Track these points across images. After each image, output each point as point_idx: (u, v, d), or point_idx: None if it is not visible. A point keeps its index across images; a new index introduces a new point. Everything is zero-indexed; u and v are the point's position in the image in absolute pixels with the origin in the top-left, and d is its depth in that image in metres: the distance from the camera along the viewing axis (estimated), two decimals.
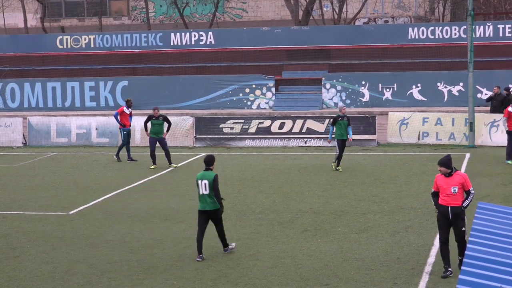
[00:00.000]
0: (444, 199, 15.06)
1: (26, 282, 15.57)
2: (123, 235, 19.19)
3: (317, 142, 34.47)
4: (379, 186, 24.59)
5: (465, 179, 15.10)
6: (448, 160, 15.13)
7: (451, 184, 15.01)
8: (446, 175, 15.09)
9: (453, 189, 14.95)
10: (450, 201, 14.99)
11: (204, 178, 16.87)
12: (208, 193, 16.78)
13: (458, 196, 15.02)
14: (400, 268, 15.65)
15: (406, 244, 17.44)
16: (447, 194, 15.00)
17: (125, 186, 25.90)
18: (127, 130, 31.64)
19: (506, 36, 41.56)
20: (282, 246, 17.66)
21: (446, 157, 15.20)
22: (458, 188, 15.00)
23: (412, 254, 16.66)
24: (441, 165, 15.12)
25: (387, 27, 48.97)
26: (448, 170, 15.08)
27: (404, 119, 34.17)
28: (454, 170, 15.16)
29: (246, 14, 62.10)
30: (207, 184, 16.80)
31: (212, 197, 16.77)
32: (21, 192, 25.28)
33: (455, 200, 15.00)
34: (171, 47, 45.03)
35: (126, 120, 31.63)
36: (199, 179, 16.90)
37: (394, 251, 16.93)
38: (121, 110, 31.61)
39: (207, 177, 16.86)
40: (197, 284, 15.13)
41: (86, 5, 64.00)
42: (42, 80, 43.74)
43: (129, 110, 31.88)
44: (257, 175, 27.03)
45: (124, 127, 31.48)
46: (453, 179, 15.06)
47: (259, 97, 40.90)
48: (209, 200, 16.78)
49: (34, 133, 37.23)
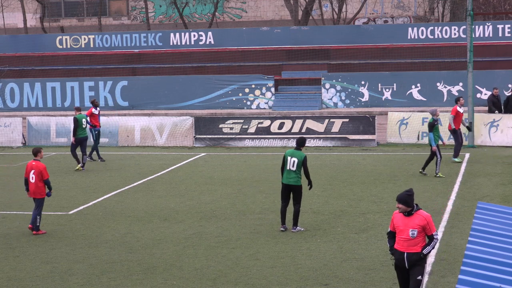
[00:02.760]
0: (399, 243, 12.41)
1: (25, 282, 15.57)
2: (122, 235, 19.19)
3: (317, 142, 34.47)
4: (379, 186, 24.59)
5: (428, 221, 12.27)
6: (408, 196, 12.36)
7: (409, 225, 12.30)
8: (405, 214, 12.37)
9: (411, 232, 12.25)
10: (406, 246, 12.30)
11: (294, 156, 18.72)
12: (295, 170, 18.66)
13: (417, 240, 12.28)
14: None
15: None
16: (403, 238, 12.33)
17: (125, 186, 25.90)
18: (98, 130, 31.76)
19: (506, 36, 41.55)
20: (281, 246, 17.66)
21: (406, 192, 12.43)
22: (418, 231, 12.25)
23: None
24: (399, 202, 12.41)
25: (387, 27, 48.96)
26: (408, 209, 12.36)
27: (403, 119, 34.18)
28: (415, 208, 12.41)
29: (246, 14, 62.09)
30: (295, 162, 18.65)
31: (297, 174, 18.66)
32: (20, 192, 25.22)
33: (412, 246, 12.28)
34: (171, 47, 45.02)
35: (96, 120, 31.71)
36: (289, 156, 18.75)
37: None
38: (90, 112, 31.51)
39: (297, 156, 18.71)
40: (197, 284, 15.13)
41: (85, 5, 63.98)
42: (41, 80, 43.72)
43: (97, 110, 31.93)
44: (257, 175, 27.03)
45: (95, 128, 31.50)
46: (412, 220, 12.31)
47: (258, 97, 40.90)
48: (294, 175, 18.68)
49: (33, 133, 37.24)
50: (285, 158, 18.79)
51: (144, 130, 36.10)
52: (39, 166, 19.49)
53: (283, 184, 18.91)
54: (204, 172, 27.98)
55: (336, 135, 34.42)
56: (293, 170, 18.69)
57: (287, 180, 18.79)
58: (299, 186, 18.77)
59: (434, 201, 22.00)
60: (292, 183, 18.74)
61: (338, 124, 34.43)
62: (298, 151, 18.81)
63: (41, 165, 19.49)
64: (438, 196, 22.70)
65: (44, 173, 19.46)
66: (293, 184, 18.75)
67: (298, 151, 18.81)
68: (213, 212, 21.41)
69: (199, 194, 24.03)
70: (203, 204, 22.56)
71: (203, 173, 27.76)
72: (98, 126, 31.82)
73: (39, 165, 19.52)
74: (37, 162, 19.63)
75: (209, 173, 27.79)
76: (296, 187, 18.77)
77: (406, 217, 12.36)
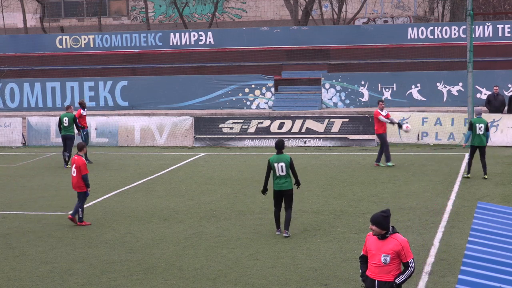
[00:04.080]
0: (371, 269, 11.12)
1: (25, 282, 15.57)
2: (122, 235, 19.19)
3: (317, 142, 34.47)
4: (379, 186, 24.59)
5: (404, 246, 10.92)
6: (383, 218, 10.96)
7: (382, 250, 10.95)
8: (379, 237, 11.01)
9: (383, 257, 10.92)
10: (378, 273, 11.00)
11: (280, 161, 18.42)
12: (285, 174, 18.37)
13: (390, 267, 10.96)
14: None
15: None
16: (375, 263, 11.01)
17: (124, 186, 25.91)
18: (86, 131, 31.78)
19: (506, 36, 41.53)
20: (281, 246, 17.66)
21: (381, 213, 11.02)
22: (391, 257, 10.93)
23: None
24: (373, 223, 11.03)
25: (387, 27, 48.94)
26: (382, 231, 11.00)
27: (403, 119, 34.18)
28: (391, 231, 11.03)
29: (246, 14, 62.08)
30: (283, 166, 18.37)
31: (287, 178, 18.35)
32: (20, 192, 25.27)
33: (384, 273, 10.97)
34: (171, 47, 45.00)
35: (84, 122, 31.73)
36: (275, 162, 18.43)
37: None
38: (78, 114, 31.43)
39: (283, 160, 18.41)
40: (197, 284, 15.13)
41: (85, 5, 63.96)
42: (41, 80, 43.70)
43: (85, 111, 31.94)
44: (257, 175, 27.02)
45: (83, 129, 31.46)
46: (386, 244, 10.95)
47: (258, 97, 40.88)
48: (285, 180, 18.38)
49: (33, 133, 37.23)
50: (271, 165, 18.47)
51: (144, 130, 36.10)
52: (79, 161, 20.27)
53: (275, 191, 18.58)
54: (204, 172, 27.98)
55: (336, 135, 34.43)
56: (283, 175, 18.41)
57: (279, 186, 18.46)
58: (291, 189, 18.54)
59: (434, 201, 22.00)
60: (285, 188, 18.44)
61: (338, 124, 34.44)
62: (281, 154, 18.51)
63: (81, 161, 20.30)
64: (438, 196, 22.70)
65: (82, 168, 20.21)
66: (285, 189, 18.46)
67: (282, 155, 18.51)
68: (213, 212, 21.41)
69: (199, 194, 24.04)
70: (203, 204, 22.56)
71: (203, 173, 27.77)
72: (86, 127, 31.83)
73: (79, 160, 20.29)
74: (79, 157, 20.41)
75: (209, 173, 27.80)
76: (289, 191, 18.50)
77: (379, 241, 10.99)
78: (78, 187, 20.35)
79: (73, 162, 20.43)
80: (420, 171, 27.07)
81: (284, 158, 18.43)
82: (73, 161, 20.43)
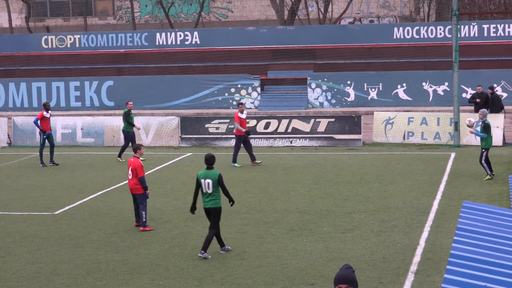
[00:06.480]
0: None
1: (11, 282, 15.51)
2: (108, 235, 19.15)
3: (303, 142, 34.49)
4: (365, 186, 24.63)
5: None
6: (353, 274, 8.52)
7: None
8: None
9: None
10: None
11: (207, 177, 17.01)
12: (211, 192, 16.90)
13: None
14: (386, 268, 15.68)
15: (391, 244, 17.47)
16: None
17: (111, 186, 25.86)
18: (48, 134, 30.93)
19: (491, 36, 41.67)
20: (268, 246, 17.66)
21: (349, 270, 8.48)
22: None
23: (398, 253, 16.69)
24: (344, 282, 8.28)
25: (372, 27, 49.02)
26: None
27: (389, 119, 34.26)
28: None
29: (232, 14, 62.07)
30: (210, 183, 16.93)
31: (214, 196, 16.90)
32: (6, 192, 25.18)
33: None
34: (157, 47, 44.94)
35: (47, 124, 30.94)
36: (202, 178, 17.02)
37: (380, 250, 16.96)
38: (41, 115, 30.76)
39: (211, 176, 17.00)
40: (183, 284, 15.12)
41: (71, 5, 63.80)
42: (27, 80, 43.56)
43: (49, 113, 31.17)
44: (243, 175, 27.02)
45: (44, 132, 30.75)
46: None
47: (244, 97, 40.87)
48: (211, 198, 16.94)
49: (19, 133, 37.11)
50: (199, 181, 17.04)
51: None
52: (135, 163, 19.61)
53: (204, 209, 17.15)
54: (190, 172, 27.95)
55: (322, 134, 34.47)
56: (209, 192, 16.86)
57: (204, 204, 17.00)
58: (218, 208, 16.94)
59: (419, 201, 22.05)
60: (210, 206, 16.90)
61: (324, 124, 34.48)
62: (210, 170, 17.05)
63: (137, 162, 19.63)
64: (423, 196, 22.76)
65: (138, 170, 19.54)
66: (210, 207, 16.92)
67: (211, 171, 17.04)
68: (199, 212, 21.37)
69: (185, 194, 24.01)
70: (189, 204, 22.47)
71: (189, 173, 27.73)
72: (48, 130, 30.95)
73: (136, 162, 19.64)
74: (135, 159, 19.75)
75: (195, 173, 27.66)
76: (215, 209, 16.92)
77: None
78: (134, 189, 19.65)
79: (129, 164, 19.72)
80: (406, 171, 27.13)
81: (212, 174, 16.98)
82: (129, 163, 19.70)
